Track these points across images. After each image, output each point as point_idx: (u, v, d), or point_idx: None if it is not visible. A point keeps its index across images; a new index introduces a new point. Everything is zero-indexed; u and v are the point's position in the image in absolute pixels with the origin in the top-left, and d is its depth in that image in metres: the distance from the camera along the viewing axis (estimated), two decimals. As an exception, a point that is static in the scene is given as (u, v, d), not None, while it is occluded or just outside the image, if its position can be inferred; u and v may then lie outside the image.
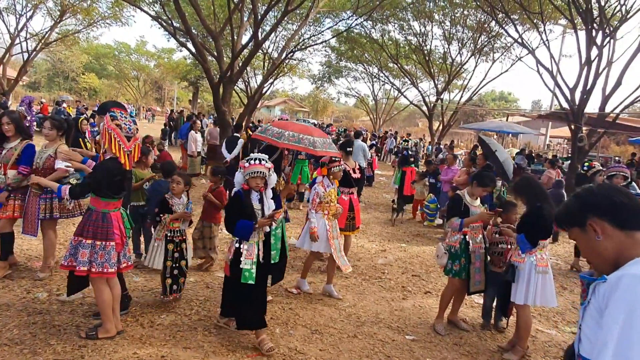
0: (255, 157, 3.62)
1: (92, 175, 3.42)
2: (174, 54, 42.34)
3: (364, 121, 57.91)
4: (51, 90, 50.41)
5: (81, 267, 3.35)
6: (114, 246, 3.46)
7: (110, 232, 3.44)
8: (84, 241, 3.38)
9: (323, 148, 4.56)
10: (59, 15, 19.47)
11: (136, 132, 3.46)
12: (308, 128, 4.80)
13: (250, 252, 3.59)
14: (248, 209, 3.58)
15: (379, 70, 28.63)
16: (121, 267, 3.59)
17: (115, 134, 3.28)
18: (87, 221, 3.43)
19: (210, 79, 12.85)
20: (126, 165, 3.38)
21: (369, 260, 6.55)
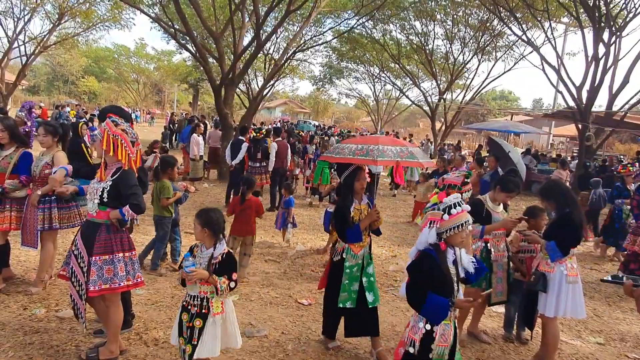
0: (453, 201, 2.65)
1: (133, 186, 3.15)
2: (174, 57, 42.22)
3: (364, 122, 57.72)
4: (51, 94, 50.21)
5: (123, 283, 3.19)
6: (124, 258, 3.25)
7: (125, 242, 3.27)
8: (117, 255, 3.17)
9: (417, 158, 3.89)
10: (58, 18, 19.25)
11: (138, 136, 3.27)
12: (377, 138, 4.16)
13: (445, 337, 2.61)
14: (443, 277, 2.61)
15: (380, 70, 28.39)
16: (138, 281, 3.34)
17: (122, 140, 3.08)
18: (110, 235, 3.17)
19: (211, 81, 12.64)
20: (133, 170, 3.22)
21: (380, 267, 6.31)
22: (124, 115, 3.40)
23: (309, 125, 31.17)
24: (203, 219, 2.89)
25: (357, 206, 3.73)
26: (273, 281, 5.37)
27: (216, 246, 2.90)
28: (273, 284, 5.29)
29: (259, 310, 4.51)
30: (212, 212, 2.94)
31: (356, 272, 3.72)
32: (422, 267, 2.62)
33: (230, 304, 3.03)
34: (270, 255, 6.42)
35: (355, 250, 3.72)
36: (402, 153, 3.85)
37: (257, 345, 3.80)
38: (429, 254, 2.62)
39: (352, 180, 3.72)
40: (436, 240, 2.61)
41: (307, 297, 4.94)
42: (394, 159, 3.80)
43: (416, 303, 2.60)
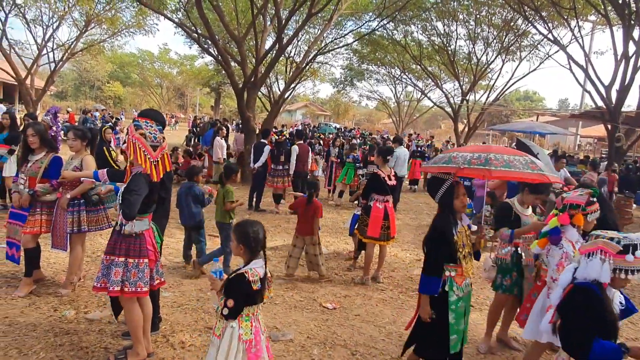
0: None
1: (131, 190, 3.10)
2: (196, 61, 42.76)
3: (385, 124, 57.45)
4: (78, 99, 51.54)
5: (114, 287, 3.14)
6: (147, 263, 3.26)
7: (144, 248, 3.24)
8: (116, 259, 3.17)
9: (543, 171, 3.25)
10: (84, 25, 19.72)
11: (162, 140, 3.23)
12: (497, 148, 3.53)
13: None
14: (610, 318, 2.21)
15: (401, 72, 28.21)
16: (154, 284, 3.38)
17: (139, 144, 3.07)
18: (118, 238, 3.22)
19: (234, 85, 12.73)
20: (153, 177, 3.13)
21: (404, 271, 6.23)
22: (157, 118, 3.42)
23: (329, 127, 31.19)
24: (238, 233, 2.59)
25: (460, 228, 3.11)
26: (297, 284, 5.35)
27: (249, 263, 2.55)
28: (297, 287, 5.26)
29: (283, 313, 4.49)
30: (249, 225, 2.61)
31: (462, 308, 3.07)
32: (589, 305, 2.19)
33: (229, 333, 2.49)
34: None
35: (458, 281, 3.04)
36: (532, 165, 3.18)
37: (283, 349, 3.77)
38: (591, 290, 2.21)
39: (450, 198, 3.11)
40: (608, 279, 2.21)
41: (332, 301, 4.90)
42: (526, 170, 3.11)
43: (581, 351, 2.14)
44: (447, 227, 3.01)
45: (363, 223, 5.51)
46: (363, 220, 5.52)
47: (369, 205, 5.44)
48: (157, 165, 3.14)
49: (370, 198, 5.47)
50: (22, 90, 19.23)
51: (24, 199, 4.28)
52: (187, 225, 5.52)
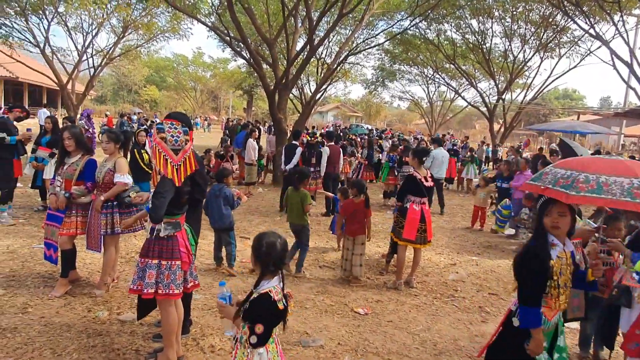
0: None
1: (157, 193, 3.09)
2: (229, 64, 43.45)
3: (418, 124, 56.71)
4: (116, 103, 53.18)
5: (148, 290, 3.15)
6: (180, 265, 3.25)
7: (176, 250, 3.23)
8: (149, 262, 3.18)
9: None
10: (122, 31, 20.30)
11: (185, 143, 3.17)
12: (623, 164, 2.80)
13: None
14: None
15: (434, 71, 27.74)
16: (188, 286, 3.37)
17: (160, 148, 3.05)
18: (152, 241, 3.22)
19: (265, 87, 12.78)
20: (175, 181, 3.07)
21: (439, 276, 6.04)
22: (184, 121, 3.41)
23: (361, 128, 30.98)
24: (254, 246, 2.38)
25: (560, 253, 2.57)
26: (328, 288, 5.26)
27: (261, 282, 2.33)
28: (328, 291, 5.17)
29: (314, 318, 4.41)
30: (265, 237, 2.37)
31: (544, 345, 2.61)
32: None
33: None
34: (324, 261, 6.31)
35: (548, 315, 2.61)
36: (637, 191, 2.54)
37: (313, 356, 3.69)
38: None
39: (541, 215, 2.64)
40: None
41: (364, 305, 4.79)
42: (624, 199, 2.51)
43: None
44: (541, 250, 2.55)
45: (398, 225, 5.37)
46: (398, 222, 5.38)
47: (405, 207, 5.30)
48: (179, 169, 3.10)
49: (406, 200, 5.33)
50: (64, 95, 19.98)
51: (60, 201, 4.36)
52: (217, 228, 5.52)
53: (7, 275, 4.77)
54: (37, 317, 3.90)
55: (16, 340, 3.49)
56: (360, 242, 5.49)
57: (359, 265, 5.44)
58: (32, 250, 5.57)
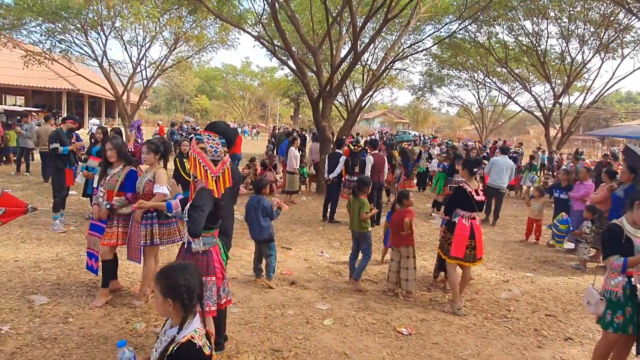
0: None
1: (196, 207, 3.00)
2: (276, 72, 44.03)
3: (467, 130, 55.18)
4: (169, 112, 55.34)
5: None
6: (215, 281, 3.15)
7: (211, 265, 3.15)
8: None
9: None
10: (173, 43, 20.98)
11: (224, 155, 3.09)
12: None
13: None
14: None
15: (485, 76, 26.77)
16: (221, 302, 3.27)
17: (200, 159, 2.96)
18: (186, 255, 3.15)
19: (309, 94, 12.72)
20: (214, 192, 2.99)
21: (490, 294, 5.65)
22: (224, 131, 3.34)
23: (408, 135, 30.38)
24: (164, 285, 1.95)
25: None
26: (370, 304, 5.02)
27: (184, 325, 1.93)
28: (370, 307, 4.93)
29: (354, 337, 4.18)
30: (178, 271, 1.97)
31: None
32: None
33: None
34: (366, 274, 6.06)
35: None
36: None
37: (352, 380, 3.47)
38: None
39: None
40: None
41: (407, 325, 4.50)
42: None
43: None
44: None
45: (446, 241, 5.02)
46: (446, 238, 5.04)
47: (453, 222, 4.95)
48: (219, 181, 3.01)
49: (455, 214, 4.99)
50: (119, 106, 20.86)
51: (102, 211, 4.41)
52: (256, 240, 5.42)
53: (53, 283, 4.88)
54: (77, 327, 3.92)
55: (54, 352, 3.50)
56: (406, 255, 5.26)
57: (412, 279, 5.26)
58: (80, 258, 5.69)
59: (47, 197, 8.88)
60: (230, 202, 3.64)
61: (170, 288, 1.93)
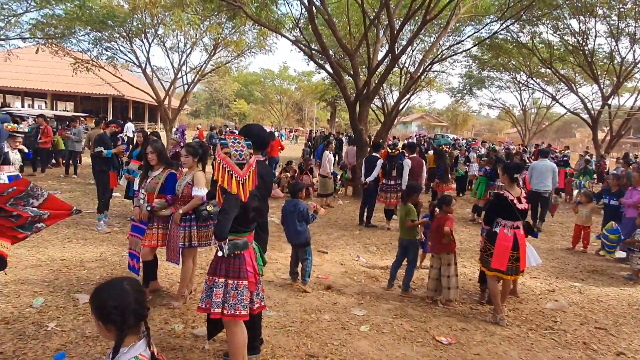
0: None
1: (222, 210, 3.00)
2: (313, 76, 44.26)
3: (509, 134, 53.63)
4: (209, 117, 56.64)
5: (216, 309, 3.07)
6: (247, 285, 3.13)
7: (243, 269, 3.12)
8: (217, 280, 3.11)
9: None
10: (213, 48, 21.43)
11: (249, 157, 3.04)
12: None
13: None
14: None
15: (528, 77, 25.91)
16: (254, 307, 3.23)
17: (224, 163, 2.94)
18: (219, 259, 3.14)
19: (346, 98, 12.67)
20: (241, 196, 2.95)
21: (534, 303, 5.40)
22: (256, 134, 3.35)
23: (446, 139, 29.81)
24: (92, 307, 1.75)
25: None
26: (408, 311, 4.89)
27: (126, 349, 1.71)
28: (407, 314, 4.81)
29: (391, 345, 4.08)
30: (107, 291, 1.75)
31: None
32: None
33: None
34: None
35: None
36: None
37: (389, 389, 3.38)
38: None
39: None
40: None
41: (447, 334, 4.36)
42: None
43: None
44: None
45: (486, 252, 4.78)
46: (486, 249, 4.79)
47: (494, 232, 4.70)
48: (245, 184, 2.99)
49: (496, 223, 4.72)
50: (161, 110, 21.48)
51: (143, 213, 4.51)
52: (293, 243, 5.41)
53: (96, 282, 5.02)
54: (118, 326, 4.01)
55: (96, 349, 3.59)
56: (446, 262, 5.10)
57: (453, 287, 5.08)
58: (122, 259, 5.85)
59: (92, 198, 9.21)
60: (264, 200, 3.59)
61: (98, 310, 1.73)
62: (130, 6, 17.12)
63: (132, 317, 1.71)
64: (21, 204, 2.31)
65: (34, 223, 2.36)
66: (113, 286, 1.75)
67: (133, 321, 1.71)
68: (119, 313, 1.68)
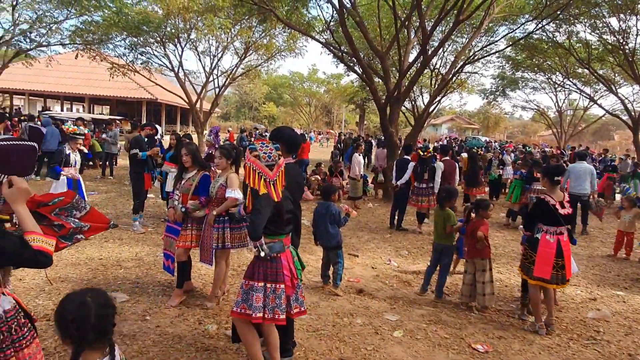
0: None
1: (254, 210, 3.01)
2: (342, 79, 44.25)
3: (543, 136, 52.21)
4: (239, 119, 57.36)
5: (257, 314, 3.05)
6: (284, 289, 3.11)
7: (280, 272, 3.10)
8: (255, 284, 3.10)
9: None
10: (244, 52, 21.71)
11: (278, 158, 3.08)
12: None
13: None
14: None
15: (564, 77, 25.14)
16: (292, 312, 3.21)
17: (254, 166, 2.98)
18: (257, 262, 3.15)
19: (377, 100, 12.60)
20: (273, 196, 2.98)
21: (575, 312, 5.20)
22: (287, 137, 3.35)
23: (478, 141, 29.21)
24: (54, 317, 1.68)
25: None
26: (442, 317, 4.79)
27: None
28: (442, 320, 4.70)
29: (425, 352, 3.99)
30: (70, 302, 1.66)
31: None
32: None
33: None
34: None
35: None
36: None
37: (424, 397, 3.30)
38: None
39: None
40: None
41: (483, 342, 4.23)
42: None
43: None
44: None
45: (527, 259, 4.58)
46: (527, 256, 4.60)
47: (535, 238, 4.50)
48: (276, 184, 3.02)
49: (537, 229, 4.53)
50: (193, 114, 21.89)
51: (177, 214, 4.57)
52: (325, 246, 5.38)
53: (133, 282, 5.13)
54: (154, 325, 4.07)
55: (133, 348, 3.65)
56: (481, 267, 4.96)
57: (489, 293, 4.93)
58: (156, 259, 5.96)
59: (127, 199, 9.45)
60: (297, 203, 3.57)
61: (57, 323, 1.62)
62: (164, 12, 17.55)
63: (91, 332, 1.60)
64: (64, 215, 2.39)
65: (74, 234, 2.44)
66: (72, 299, 1.66)
67: (93, 337, 1.61)
68: (76, 327, 1.59)
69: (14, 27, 16.57)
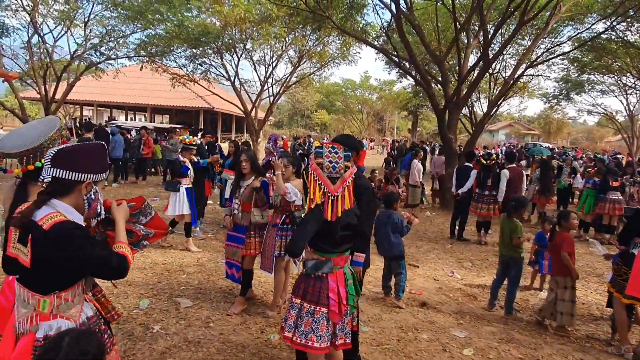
0: None
1: (301, 222, 2.75)
2: (395, 86, 43.79)
3: (610, 142, 49.10)
4: (291, 127, 58.15)
5: (286, 333, 2.80)
6: (326, 313, 2.74)
7: (323, 294, 2.74)
8: (293, 300, 2.86)
9: None
10: (297, 60, 21.94)
11: (344, 170, 2.75)
12: None
13: None
14: None
15: (636, 79, 23.48)
16: (336, 343, 2.81)
17: (316, 175, 2.70)
18: (301, 277, 2.91)
19: (435, 106, 12.27)
20: (327, 214, 2.65)
21: None
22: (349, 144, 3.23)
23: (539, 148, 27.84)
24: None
25: None
26: (514, 336, 4.48)
27: None
28: (514, 339, 4.40)
29: (499, 373, 3.74)
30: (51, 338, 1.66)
31: None
32: None
33: None
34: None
35: None
36: None
37: None
38: None
39: None
40: None
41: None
42: None
43: None
44: None
45: (621, 276, 4.20)
46: (621, 273, 4.22)
47: (631, 253, 4.13)
48: (336, 201, 2.68)
49: (634, 244, 4.16)
50: (248, 122, 22.35)
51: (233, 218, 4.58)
52: (386, 256, 5.21)
53: (195, 287, 5.20)
54: (217, 332, 4.07)
55: (198, 355, 3.65)
56: (563, 284, 4.59)
57: (567, 313, 4.52)
58: (217, 265, 6.03)
59: (188, 205, 9.69)
60: (368, 218, 3.23)
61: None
62: (221, 23, 18.07)
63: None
64: (132, 221, 2.38)
65: (141, 241, 2.44)
66: (53, 337, 1.63)
67: None
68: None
69: (86, 42, 17.62)
